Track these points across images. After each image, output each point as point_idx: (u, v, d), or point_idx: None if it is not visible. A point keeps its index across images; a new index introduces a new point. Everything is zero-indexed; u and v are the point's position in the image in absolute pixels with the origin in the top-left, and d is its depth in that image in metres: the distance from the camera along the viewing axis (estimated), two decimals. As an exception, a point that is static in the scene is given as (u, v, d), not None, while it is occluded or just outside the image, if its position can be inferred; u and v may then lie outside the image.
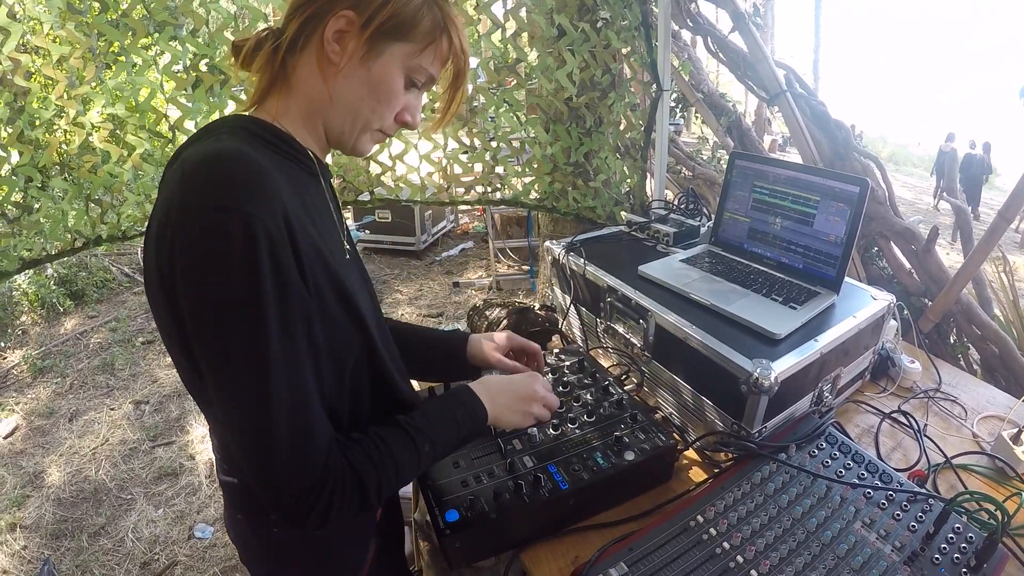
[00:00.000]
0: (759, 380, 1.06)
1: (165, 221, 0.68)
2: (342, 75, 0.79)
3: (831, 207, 1.36)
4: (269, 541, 0.94)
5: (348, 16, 0.77)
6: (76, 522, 2.83)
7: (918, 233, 2.17)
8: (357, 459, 0.78)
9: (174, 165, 0.75)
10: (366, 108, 0.83)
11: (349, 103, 0.82)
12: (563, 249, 1.66)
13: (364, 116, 0.83)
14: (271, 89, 0.83)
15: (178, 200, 0.67)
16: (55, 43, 1.74)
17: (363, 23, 0.77)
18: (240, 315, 0.66)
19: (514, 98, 2.22)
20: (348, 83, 0.80)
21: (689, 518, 0.99)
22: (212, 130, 0.78)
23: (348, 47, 0.78)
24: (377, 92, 0.82)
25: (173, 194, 0.69)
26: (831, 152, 2.20)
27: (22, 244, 1.94)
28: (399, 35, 0.80)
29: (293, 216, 0.70)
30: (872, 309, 1.34)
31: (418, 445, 0.84)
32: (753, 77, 2.30)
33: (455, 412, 0.92)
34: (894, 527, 0.97)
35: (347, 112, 0.82)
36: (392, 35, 0.79)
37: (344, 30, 0.77)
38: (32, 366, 4.19)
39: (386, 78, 0.81)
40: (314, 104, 0.82)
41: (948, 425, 1.38)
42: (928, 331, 2.12)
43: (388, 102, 0.83)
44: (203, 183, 0.66)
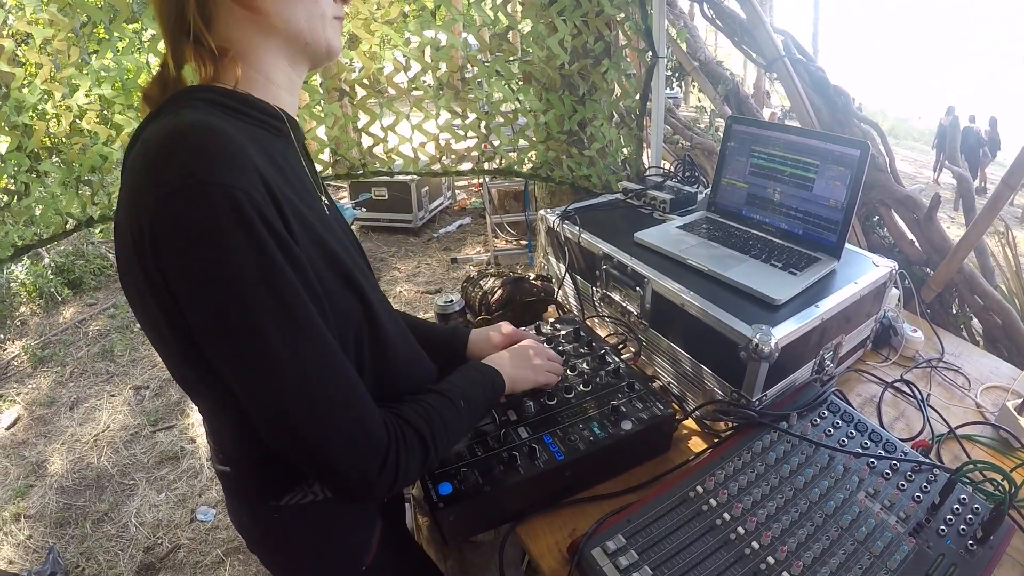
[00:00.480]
0: (759, 346, 1.03)
1: (137, 209, 0.63)
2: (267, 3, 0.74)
3: (831, 171, 1.32)
4: (273, 527, 0.91)
5: None
6: (79, 509, 2.83)
7: (920, 201, 2.13)
8: (410, 416, 0.78)
9: (135, 147, 0.70)
10: (304, 8, 0.77)
11: (296, 13, 0.76)
12: (558, 217, 1.64)
13: (315, 12, 0.78)
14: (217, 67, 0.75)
15: (148, 184, 0.62)
16: (38, 26, 1.71)
17: None
18: (259, 292, 0.63)
19: (506, 67, 2.18)
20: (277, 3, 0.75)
21: (688, 489, 0.97)
22: (170, 104, 0.72)
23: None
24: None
25: (140, 179, 0.64)
26: (830, 119, 2.15)
27: (14, 230, 1.92)
28: None
29: (270, 180, 0.66)
30: (873, 276, 1.31)
31: (454, 401, 0.86)
32: (751, 43, 2.25)
33: (475, 377, 0.95)
34: (899, 498, 0.95)
35: (301, 22, 0.77)
36: None
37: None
38: (32, 356, 4.18)
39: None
40: (262, 50, 0.77)
41: (951, 395, 1.36)
42: (930, 301, 2.09)
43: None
44: (173, 161, 0.62)
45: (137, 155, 0.67)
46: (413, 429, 0.77)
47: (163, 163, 0.62)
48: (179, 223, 0.61)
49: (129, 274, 0.68)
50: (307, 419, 0.67)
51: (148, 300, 0.67)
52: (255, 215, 0.62)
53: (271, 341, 0.64)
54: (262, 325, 0.64)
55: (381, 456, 0.72)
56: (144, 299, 0.68)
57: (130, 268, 0.67)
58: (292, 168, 0.78)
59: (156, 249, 0.62)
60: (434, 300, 1.58)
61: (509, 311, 1.52)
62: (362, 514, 1.00)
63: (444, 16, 2.12)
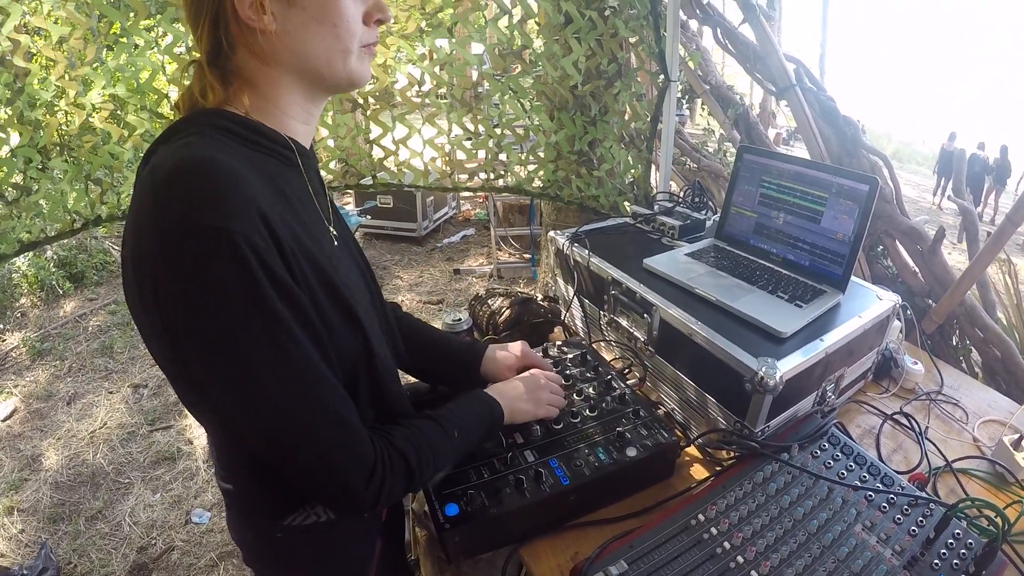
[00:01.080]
0: (764, 379, 1.05)
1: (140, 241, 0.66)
2: (285, 34, 0.74)
3: (840, 205, 1.34)
4: (275, 544, 0.92)
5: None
6: (73, 506, 2.83)
7: (924, 233, 2.15)
8: (398, 441, 0.81)
9: (146, 168, 0.72)
10: (330, 38, 0.75)
11: (312, 49, 0.75)
12: (567, 240, 1.65)
13: (336, 47, 0.76)
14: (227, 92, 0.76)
15: (151, 219, 0.64)
16: (55, 23, 1.73)
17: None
18: (251, 331, 0.66)
19: (519, 85, 2.20)
20: (296, 36, 0.74)
21: (690, 516, 0.98)
22: (180, 130, 0.73)
23: (267, 7, 0.72)
24: (324, 17, 0.74)
25: (146, 208, 0.65)
26: (839, 148, 2.17)
27: (21, 226, 1.92)
28: None
29: (273, 218, 0.67)
30: (877, 310, 1.33)
31: (447, 431, 0.89)
32: (762, 70, 2.27)
33: (474, 408, 0.99)
34: (895, 531, 0.96)
35: (318, 58, 0.76)
36: None
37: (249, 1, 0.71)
38: (31, 349, 4.18)
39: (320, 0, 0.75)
40: (275, 82, 0.77)
41: (949, 428, 1.37)
42: (931, 332, 2.10)
43: (342, 15, 0.75)
44: (175, 200, 0.63)
45: (146, 179, 0.68)
46: (399, 454, 0.80)
47: (166, 201, 0.64)
48: (177, 264, 0.63)
49: (132, 288, 0.70)
50: (295, 445, 0.72)
51: (150, 317, 0.69)
52: (252, 258, 0.64)
53: (261, 377, 0.67)
54: (252, 363, 0.67)
55: (366, 477, 0.75)
56: (146, 315, 0.70)
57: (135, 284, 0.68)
58: (301, 200, 0.79)
59: (156, 283, 0.65)
60: (441, 317, 1.59)
61: (517, 332, 1.54)
62: (364, 534, 1.01)
63: (459, 33, 2.15)
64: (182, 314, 0.65)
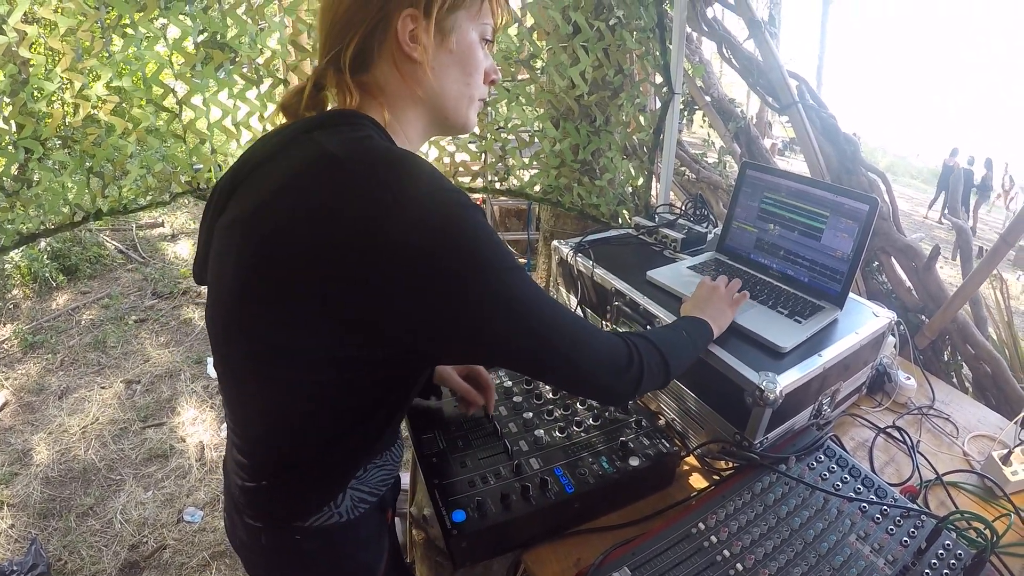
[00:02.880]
0: (765, 393, 1.07)
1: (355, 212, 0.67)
2: (431, 68, 0.81)
3: (840, 223, 1.37)
4: (290, 547, 0.91)
5: (412, 13, 0.78)
6: (64, 502, 2.82)
7: (920, 251, 2.19)
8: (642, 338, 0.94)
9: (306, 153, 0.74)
10: (463, 84, 0.85)
11: (447, 89, 0.84)
12: (571, 249, 1.67)
13: (467, 93, 0.86)
14: (365, 104, 0.82)
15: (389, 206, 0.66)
16: (62, 15, 1.72)
17: (425, 11, 0.78)
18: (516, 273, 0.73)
19: (525, 92, 2.22)
20: (439, 73, 0.82)
21: (691, 525, 1.00)
22: (339, 123, 0.78)
23: (423, 41, 0.79)
24: (467, 65, 0.85)
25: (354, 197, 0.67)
26: (839, 165, 2.21)
27: (20, 218, 1.92)
28: (459, 4, 0.82)
29: None
30: (873, 326, 1.36)
31: (678, 331, 1.07)
32: (765, 85, 2.31)
33: (685, 323, 1.13)
34: (887, 541, 0.99)
35: (448, 98, 0.85)
36: (453, 7, 0.81)
37: (413, 27, 0.78)
38: (23, 341, 4.15)
39: (469, 49, 0.84)
40: (414, 106, 0.84)
41: (940, 442, 1.40)
42: (924, 347, 2.14)
43: (478, 69, 0.86)
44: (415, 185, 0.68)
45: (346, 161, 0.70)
46: (651, 343, 0.93)
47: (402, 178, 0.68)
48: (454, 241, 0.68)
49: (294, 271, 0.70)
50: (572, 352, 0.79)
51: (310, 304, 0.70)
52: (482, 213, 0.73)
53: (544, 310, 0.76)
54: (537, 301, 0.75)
55: (625, 361, 0.87)
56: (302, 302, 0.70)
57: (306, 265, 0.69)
58: None
59: (413, 266, 0.66)
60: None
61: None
62: (378, 533, 1.01)
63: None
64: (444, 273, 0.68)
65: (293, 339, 0.73)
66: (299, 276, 0.69)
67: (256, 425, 0.85)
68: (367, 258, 0.66)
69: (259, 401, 0.82)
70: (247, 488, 0.88)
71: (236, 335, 0.79)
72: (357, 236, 0.66)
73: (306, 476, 0.86)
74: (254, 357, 0.78)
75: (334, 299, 0.69)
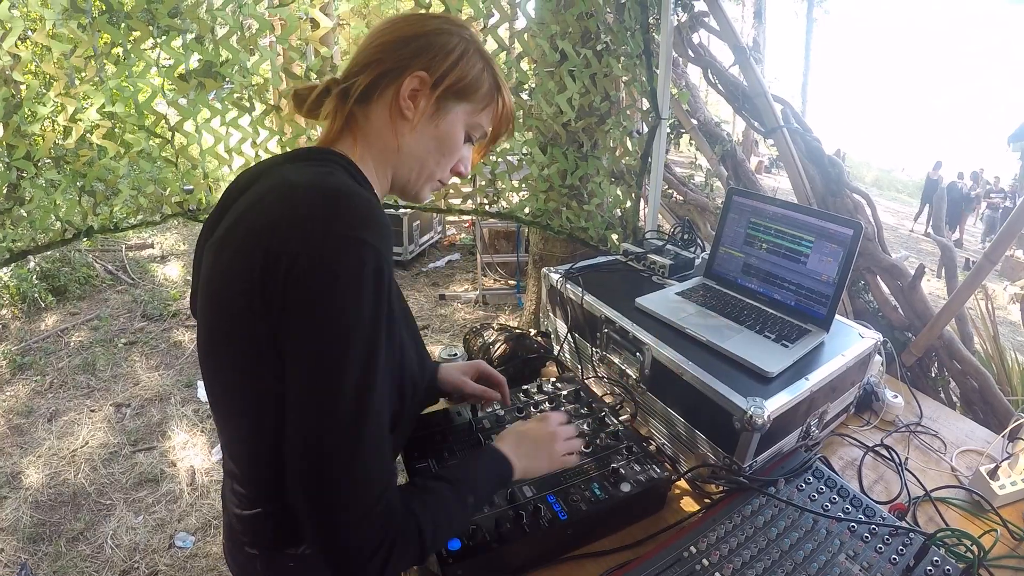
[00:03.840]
0: (752, 418, 1.09)
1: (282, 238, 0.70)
2: (414, 130, 0.88)
3: (825, 247, 1.40)
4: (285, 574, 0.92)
5: (422, 76, 0.85)
6: (54, 526, 2.80)
7: (905, 270, 2.22)
8: (418, 510, 0.79)
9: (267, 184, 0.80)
10: (432, 161, 0.92)
11: (418, 156, 0.90)
12: (561, 276, 1.69)
13: (429, 168, 0.92)
14: (343, 133, 0.89)
15: (301, 222, 0.71)
16: (55, 40, 1.74)
17: (433, 83, 0.85)
18: (359, 337, 0.70)
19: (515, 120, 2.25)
20: (418, 138, 0.89)
21: (683, 548, 1.02)
22: (307, 157, 0.84)
23: (420, 105, 0.86)
24: (443, 147, 0.91)
25: (291, 214, 0.72)
26: (824, 188, 2.25)
27: (11, 235, 1.92)
28: (464, 96, 0.89)
29: None
30: (860, 347, 1.39)
31: (464, 498, 0.88)
32: (750, 110, 2.35)
33: (488, 468, 0.97)
34: (876, 560, 1.00)
35: (415, 163, 0.91)
36: (458, 96, 0.88)
37: (418, 89, 0.85)
38: (11, 362, 4.12)
39: (451, 134, 0.90)
40: (386, 154, 0.89)
41: (928, 459, 1.42)
42: (911, 365, 2.17)
43: (451, 156, 0.93)
44: (332, 213, 0.71)
45: (278, 192, 0.76)
46: (417, 525, 0.78)
47: (321, 211, 0.71)
48: (328, 263, 0.69)
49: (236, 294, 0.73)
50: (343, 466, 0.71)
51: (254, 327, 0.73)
52: (385, 277, 0.72)
53: (346, 385, 0.70)
54: (350, 368, 0.70)
55: (375, 543, 0.72)
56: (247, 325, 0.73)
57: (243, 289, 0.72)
58: None
59: (293, 277, 0.69)
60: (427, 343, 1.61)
61: (511, 367, 1.57)
62: None
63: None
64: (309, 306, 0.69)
65: (250, 374, 0.77)
66: (246, 309, 0.73)
67: (242, 453, 0.87)
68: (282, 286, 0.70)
69: (238, 431, 0.85)
70: (242, 516, 0.89)
71: (211, 365, 0.82)
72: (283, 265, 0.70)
73: None
74: (225, 388, 0.82)
75: (271, 329, 0.72)
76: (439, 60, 0.86)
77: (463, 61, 0.87)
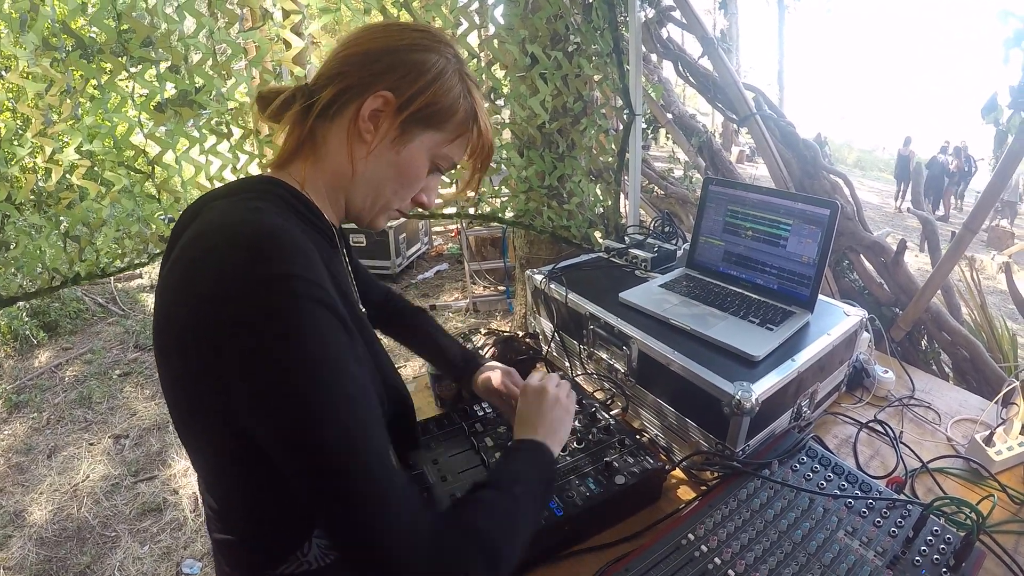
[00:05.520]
0: (741, 402, 1.10)
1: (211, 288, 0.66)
2: (372, 155, 0.80)
3: (803, 229, 1.42)
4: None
5: (386, 97, 0.78)
6: (60, 562, 2.78)
7: (887, 246, 2.25)
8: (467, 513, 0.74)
9: (202, 221, 0.74)
10: (388, 190, 0.84)
11: (374, 182, 0.83)
12: (544, 277, 1.70)
13: (386, 196, 0.85)
14: (298, 153, 0.83)
15: (237, 269, 0.65)
16: (30, 79, 1.74)
17: (399, 106, 0.78)
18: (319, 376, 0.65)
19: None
20: (375, 163, 0.81)
21: (681, 536, 1.03)
22: (242, 190, 0.77)
23: (381, 128, 0.79)
24: (402, 176, 0.83)
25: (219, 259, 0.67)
26: (800, 171, 2.27)
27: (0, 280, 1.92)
28: (433, 123, 0.81)
29: (332, 287, 0.71)
30: (845, 325, 1.40)
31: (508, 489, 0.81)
32: (723, 100, 2.37)
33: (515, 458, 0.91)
34: (875, 533, 1.02)
35: (370, 190, 0.84)
36: (426, 123, 0.81)
37: (380, 110, 0.78)
38: (7, 401, 4.10)
39: (413, 164, 0.83)
40: (340, 178, 0.83)
41: (923, 430, 1.44)
42: (900, 339, 2.19)
43: (411, 186, 0.85)
44: (252, 256, 0.65)
45: (216, 232, 0.70)
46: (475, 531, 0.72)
47: (252, 254, 0.66)
48: (262, 308, 0.64)
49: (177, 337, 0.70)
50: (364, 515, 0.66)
51: (195, 366, 0.69)
52: (325, 308, 0.67)
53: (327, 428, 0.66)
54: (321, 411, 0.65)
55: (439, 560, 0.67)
56: (189, 364, 0.70)
57: (183, 333, 0.69)
58: (340, 277, 0.83)
59: (233, 326, 0.65)
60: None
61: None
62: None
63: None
64: (251, 358, 0.65)
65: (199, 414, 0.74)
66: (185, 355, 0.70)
67: (209, 481, 0.85)
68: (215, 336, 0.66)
69: (201, 459, 0.82)
70: (220, 540, 0.88)
71: (168, 399, 0.78)
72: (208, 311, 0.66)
73: (266, 529, 0.84)
74: (179, 421, 0.79)
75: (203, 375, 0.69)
76: (408, 80, 0.78)
77: (437, 84, 0.80)
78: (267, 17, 1.96)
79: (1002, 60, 1.89)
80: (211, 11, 1.90)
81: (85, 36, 1.78)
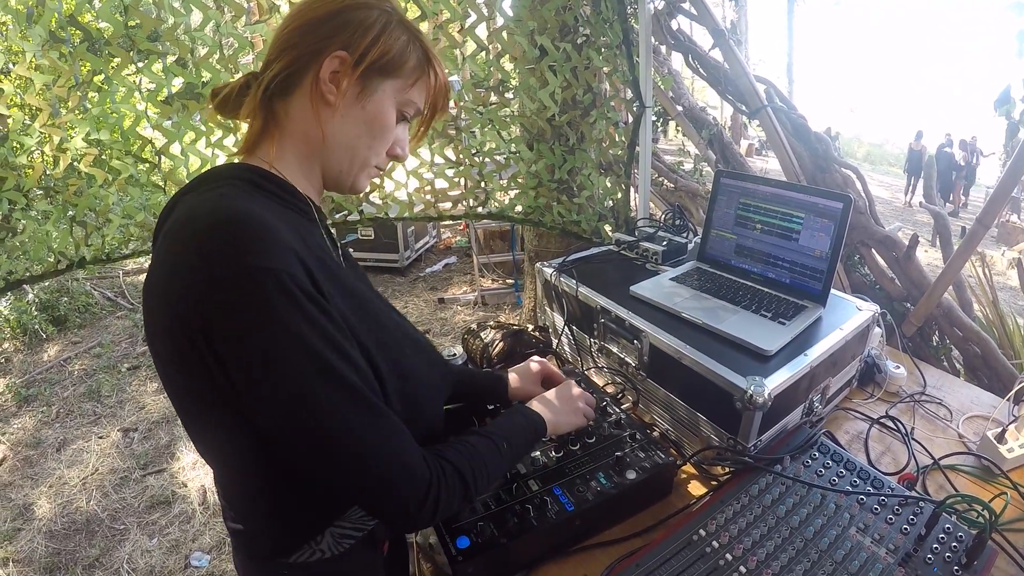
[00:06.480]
0: (753, 397, 1.09)
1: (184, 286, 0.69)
2: (338, 115, 0.82)
3: (815, 223, 1.40)
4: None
5: (341, 56, 0.79)
6: (69, 554, 2.79)
7: (899, 241, 2.22)
8: (452, 456, 0.84)
9: (174, 218, 0.76)
10: (363, 145, 0.86)
11: (347, 142, 0.84)
12: (554, 270, 1.69)
13: (362, 154, 0.86)
14: (263, 134, 0.85)
15: (202, 265, 0.68)
16: (37, 72, 1.74)
17: (355, 61, 0.80)
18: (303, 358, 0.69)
19: (498, 117, 2.25)
20: (344, 122, 0.83)
21: (692, 532, 1.02)
22: (210, 180, 0.79)
23: (343, 86, 0.80)
24: (373, 129, 0.85)
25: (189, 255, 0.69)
26: (812, 165, 2.25)
27: (6, 265, 1.93)
28: (390, 71, 0.84)
29: (305, 259, 0.73)
30: (858, 320, 1.39)
31: (497, 443, 0.93)
32: (734, 92, 2.35)
33: (519, 421, 1.03)
34: (887, 530, 1.01)
35: (345, 151, 0.85)
36: (384, 72, 0.83)
37: (337, 70, 0.80)
38: (16, 395, 4.12)
39: (381, 113, 0.85)
40: (311, 146, 0.84)
41: (934, 427, 1.42)
42: (911, 335, 2.17)
43: (383, 137, 0.87)
44: (225, 247, 0.68)
45: (182, 231, 0.72)
46: (454, 467, 0.83)
47: (214, 247, 0.68)
48: (233, 303, 0.67)
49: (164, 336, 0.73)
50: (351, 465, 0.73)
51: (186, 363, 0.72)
52: (298, 292, 0.69)
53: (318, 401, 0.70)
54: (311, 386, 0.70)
55: (422, 492, 0.78)
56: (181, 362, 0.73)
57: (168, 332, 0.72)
58: (320, 248, 0.84)
59: (208, 324, 0.68)
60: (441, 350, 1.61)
61: (510, 363, 1.56)
62: (368, 569, 1.02)
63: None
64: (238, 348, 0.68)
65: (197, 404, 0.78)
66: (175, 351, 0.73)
67: (220, 472, 0.89)
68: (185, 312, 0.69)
69: (211, 452, 0.85)
70: (234, 529, 0.91)
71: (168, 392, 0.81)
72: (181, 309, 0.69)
73: (281, 518, 0.87)
74: (181, 411, 0.81)
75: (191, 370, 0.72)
76: (358, 36, 0.80)
77: (385, 34, 0.82)
78: (274, 10, 1.95)
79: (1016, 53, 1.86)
80: (218, 4, 1.89)
81: (93, 29, 1.78)
